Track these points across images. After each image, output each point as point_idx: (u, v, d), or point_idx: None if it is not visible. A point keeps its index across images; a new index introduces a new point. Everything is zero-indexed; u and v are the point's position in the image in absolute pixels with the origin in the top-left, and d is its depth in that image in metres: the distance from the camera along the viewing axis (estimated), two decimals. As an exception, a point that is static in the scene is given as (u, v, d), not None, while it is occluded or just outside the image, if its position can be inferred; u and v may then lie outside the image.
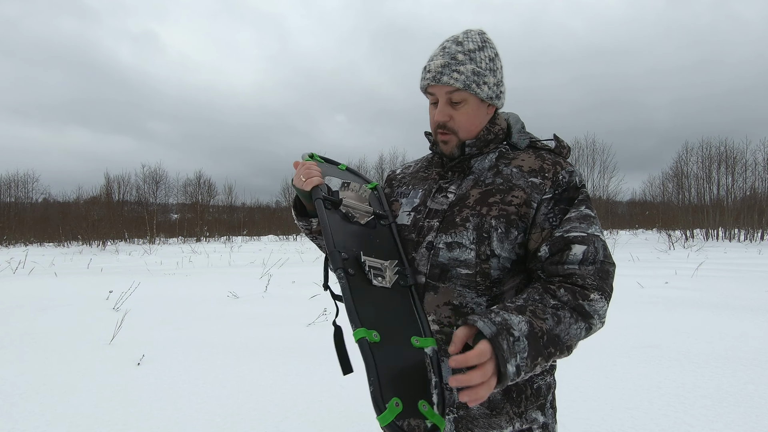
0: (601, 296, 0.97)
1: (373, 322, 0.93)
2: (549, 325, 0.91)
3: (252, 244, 29.04)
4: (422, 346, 0.97)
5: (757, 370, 3.54)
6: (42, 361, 3.87)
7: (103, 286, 7.84)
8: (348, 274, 0.98)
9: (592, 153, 31.16)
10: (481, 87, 1.08)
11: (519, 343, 0.86)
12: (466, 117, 1.10)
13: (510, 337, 0.86)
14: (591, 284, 0.97)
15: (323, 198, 1.10)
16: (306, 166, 1.16)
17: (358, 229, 1.12)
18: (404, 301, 1.03)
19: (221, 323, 5.31)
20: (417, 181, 1.24)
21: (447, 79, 1.07)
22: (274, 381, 3.46)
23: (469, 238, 1.05)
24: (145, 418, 2.86)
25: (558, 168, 1.08)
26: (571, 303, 0.95)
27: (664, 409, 2.93)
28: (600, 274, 0.99)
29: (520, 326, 0.88)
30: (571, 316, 0.94)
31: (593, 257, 0.99)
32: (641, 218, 38.08)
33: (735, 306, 5.83)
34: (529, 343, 0.87)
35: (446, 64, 1.07)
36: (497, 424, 1.05)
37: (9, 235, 31.21)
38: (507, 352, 0.84)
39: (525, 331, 0.88)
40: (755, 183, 28.73)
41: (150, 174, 39.12)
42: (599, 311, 0.96)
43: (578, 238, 1.00)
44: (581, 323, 0.95)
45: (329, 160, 1.38)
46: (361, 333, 0.89)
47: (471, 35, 1.11)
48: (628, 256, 14.51)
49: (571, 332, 0.94)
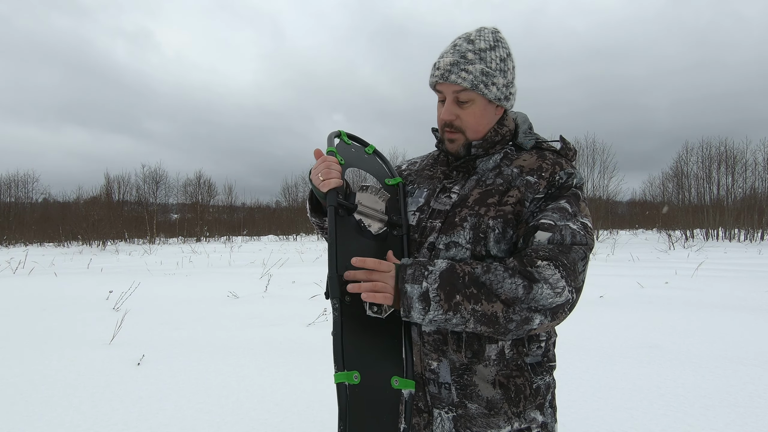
0: (550, 264, 0.93)
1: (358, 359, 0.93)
2: (477, 272, 0.95)
3: (252, 244, 29.04)
4: (401, 388, 0.97)
5: (757, 370, 3.54)
6: (42, 361, 3.87)
7: (103, 286, 7.84)
8: (343, 304, 0.97)
9: (592, 153, 31.12)
10: (489, 88, 1.07)
11: (430, 275, 0.94)
12: (473, 117, 1.10)
13: (421, 268, 0.95)
14: (542, 255, 0.95)
15: (337, 205, 1.04)
16: (326, 164, 1.06)
17: (368, 243, 1.09)
18: (395, 335, 1.03)
19: (221, 323, 5.31)
20: (422, 180, 1.23)
21: (455, 78, 1.06)
22: (274, 381, 3.46)
23: (466, 237, 1.05)
24: (145, 418, 2.86)
25: (557, 168, 1.08)
26: (517, 267, 0.94)
27: (664, 409, 2.93)
28: (559, 248, 0.97)
29: (440, 264, 0.96)
30: (506, 270, 0.93)
31: (558, 242, 0.98)
32: (641, 218, 38.08)
33: (735, 306, 5.83)
34: (441, 277, 0.94)
35: (455, 62, 1.06)
36: (495, 424, 1.05)
37: (9, 235, 31.21)
38: (408, 276, 0.94)
39: (442, 268, 0.95)
40: (755, 183, 28.77)
41: (150, 174, 39.18)
42: (549, 279, 0.92)
43: (545, 225, 1.00)
44: (518, 279, 0.92)
45: (358, 139, 1.28)
46: (341, 377, 0.90)
47: (484, 33, 1.09)
48: (628, 256, 14.51)
49: (505, 285, 0.92)
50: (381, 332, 1.00)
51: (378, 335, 0.99)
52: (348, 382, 0.90)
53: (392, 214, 1.15)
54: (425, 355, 1.09)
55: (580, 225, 1.02)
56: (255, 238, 37.46)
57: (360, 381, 0.91)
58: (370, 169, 1.23)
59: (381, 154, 1.30)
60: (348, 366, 0.91)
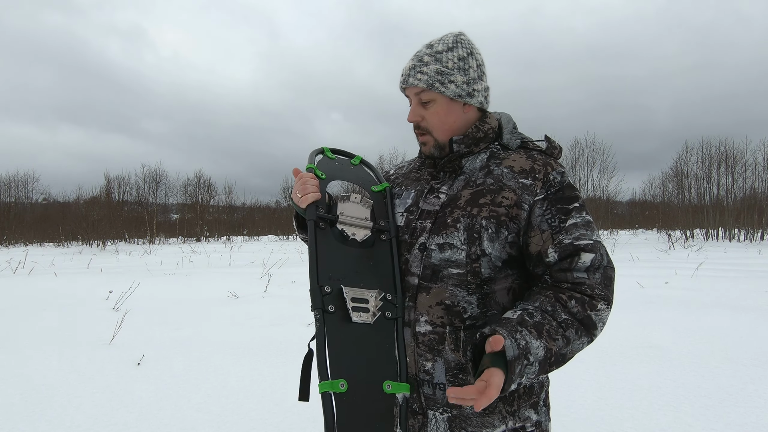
0: (607, 306, 1.03)
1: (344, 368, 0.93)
2: (559, 345, 0.98)
3: (252, 244, 29.05)
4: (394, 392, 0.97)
5: (757, 370, 3.54)
6: (42, 361, 3.87)
7: (103, 286, 7.84)
8: (326, 314, 0.97)
9: (592, 153, 31.15)
10: (447, 86, 1.10)
11: (530, 368, 0.94)
12: (436, 116, 1.13)
13: (525, 361, 0.93)
14: (599, 294, 1.02)
15: (317, 218, 1.07)
16: (302, 180, 1.12)
17: (353, 251, 1.10)
18: (385, 339, 1.02)
19: (221, 323, 5.31)
20: (409, 181, 1.25)
21: (412, 81, 1.12)
22: (274, 381, 3.46)
23: (460, 238, 1.07)
24: (145, 418, 2.86)
25: (549, 168, 1.10)
26: (580, 315, 1.01)
27: (664, 409, 2.93)
28: (605, 281, 1.04)
29: (537, 352, 0.94)
30: (577, 332, 1.00)
31: (599, 264, 1.04)
32: (641, 218, 38.09)
33: (735, 306, 5.83)
34: (539, 367, 0.95)
35: (413, 66, 1.13)
36: (490, 423, 1.05)
37: (9, 235, 31.22)
38: (516, 375, 0.92)
39: (540, 357, 0.95)
40: (755, 183, 28.79)
41: (150, 174, 39.16)
42: (603, 320, 1.02)
43: (588, 246, 1.05)
44: (584, 338, 1.01)
45: (342, 152, 1.32)
46: (325, 386, 0.90)
47: (445, 38, 1.15)
48: (628, 256, 14.51)
49: (574, 348, 1.01)
50: (371, 337, 1.00)
51: (367, 340, 0.99)
52: (333, 391, 0.89)
53: (379, 220, 1.17)
54: (419, 356, 1.08)
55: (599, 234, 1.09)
56: (255, 238, 37.47)
57: (347, 389, 0.90)
58: (356, 179, 1.25)
59: (368, 163, 1.33)
60: (333, 375, 0.91)
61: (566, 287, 1.03)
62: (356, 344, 0.97)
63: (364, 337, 0.99)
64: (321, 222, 1.08)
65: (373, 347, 0.99)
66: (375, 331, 1.00)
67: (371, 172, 1.31)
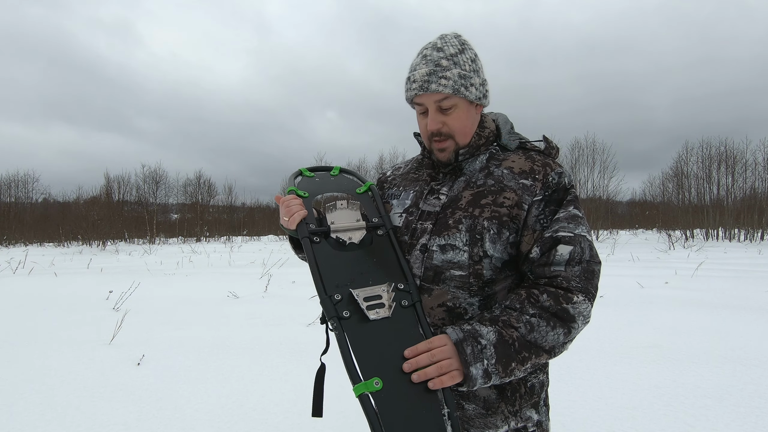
0: (585, 298, 1.00)
1: (375, 366, 0.93)
2: (521, 332, 0.96)
3: (252, 244, 29.04)
4: None
5: (757, 370, 3.54)
6: (42, 361, 3.87)
7: (103, 286, 7.85)
8: (342, 320, 0.97)
9: (592, 153, 31.14)
10: (469, 89, 1.09)
11: (486, 351, 0.94)
12: (458, 121, 1.11)
13: (476, 344, 0.94)
14: (575, 286, 1.00)
15: (310, 234, 1.09)
16: (285, 204, 1.13)
17: (353, 254, 1.10)
18: (408, 327, 1.01)
19: (221, 323, 5.31)
20: (408, 182, 1.24)
21: (435, 87, 1.07)
22: (274, 381, 3.46)
23: (462, 240, 1.06)
24: (145, 418, 2.86)
25: (548, 169, 1.10)
26: (554, 308, 0.98)
27: (664, 409, 2.93)
28: (585, 274, 1.02)
29: (489, 336, 0.95)
30: (548, 323, 0.98)
31: (579, 257, 1.02)
32: (641, 218, 38.09)
33: (735, 306, 5.83)
34: (497, 350, 0.94)
35: (432, 71, 1.07)
36: (493, 424, 1.05)
37: (9, 235, 31.21)
38: (470, 357, 0.93)
39: (493, 340, 0.95)
40: (755, 183, 28.78)
41: (150, 174, 39.13)
42: (583, 312, 1.00)
43: (565, 238, 1.03)
44: (559, 329, 0.98)
45: (320, 168, 1.35)
46: (360, 388, 0.89)
47: (448, 39, 1.12)
48: (628, 256, 14.51)
49: (549, 338, 0.98)
50: (393, 329, 1.00)
51: (390, 333, 0.99)
52: (370, 391, 0.89)
53: (371, 218, 1.18)
54: None
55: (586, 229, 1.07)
56: (255, 238, 37.45)
57: (383, 386, 0.90)
58: (338, 188, 1.26)
59: (347, 169, 1.35)
60: (366, 375, 0.91)
61: (542, 282, 1.02)
62: (380, 340, 0.97)
63: (387, 331, 0.99)
64: (315, 236, 1.09)
65: (398, 338, 0.99)
66: (395, 322, 1.01)
67: (352, 176, 1.33)
